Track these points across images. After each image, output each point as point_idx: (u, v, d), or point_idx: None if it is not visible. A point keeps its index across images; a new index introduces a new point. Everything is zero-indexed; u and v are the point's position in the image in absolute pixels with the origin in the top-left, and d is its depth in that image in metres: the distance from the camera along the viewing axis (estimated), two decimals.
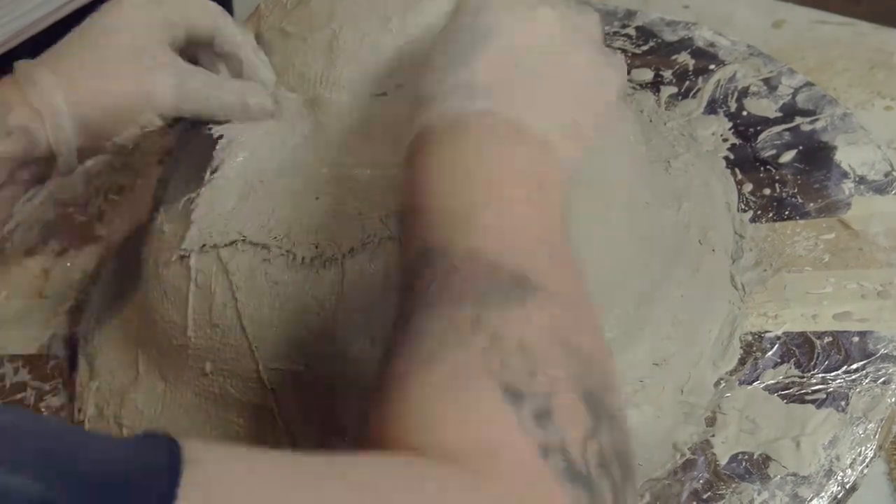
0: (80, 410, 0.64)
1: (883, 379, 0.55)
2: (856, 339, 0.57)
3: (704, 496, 0.53)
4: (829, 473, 0.52)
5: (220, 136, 0.57)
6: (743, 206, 0.67)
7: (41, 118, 0.52)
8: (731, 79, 0.75)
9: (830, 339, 0.58)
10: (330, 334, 0.54)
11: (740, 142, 0.71)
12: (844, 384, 0.55)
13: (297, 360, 0.54)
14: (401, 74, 0.57)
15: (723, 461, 0.54)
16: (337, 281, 0.54)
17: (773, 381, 0.57)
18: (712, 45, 0.78)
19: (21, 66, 0.55)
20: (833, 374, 0.56)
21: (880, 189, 0.64)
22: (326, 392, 0.55)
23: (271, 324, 0.55)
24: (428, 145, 0.42)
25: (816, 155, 0.68)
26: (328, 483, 0.31)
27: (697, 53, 0.78)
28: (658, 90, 0.76)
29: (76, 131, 0.53)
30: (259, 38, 0.61)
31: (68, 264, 0.76)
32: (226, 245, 0.56)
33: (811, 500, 0.51)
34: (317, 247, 0.54)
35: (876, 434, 0.53)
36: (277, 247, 0.55)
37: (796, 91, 0.73)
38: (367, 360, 0.54)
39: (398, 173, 0.44)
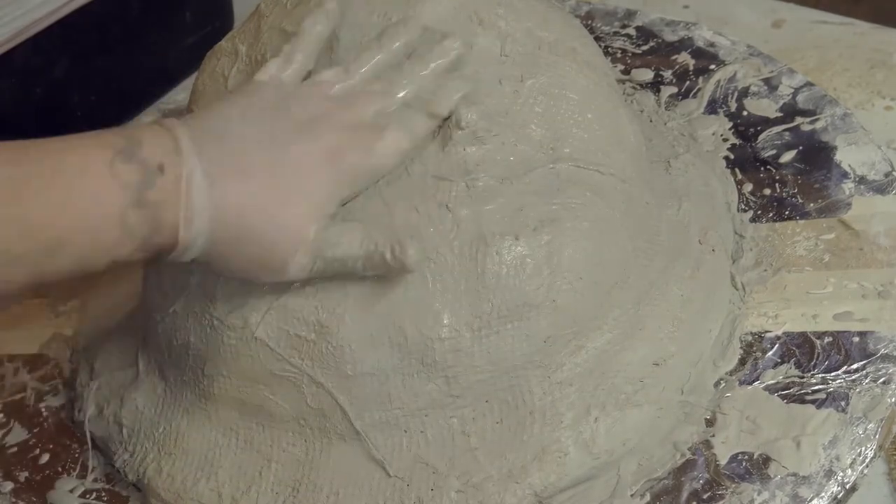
0: (80, 410, 0.64)
1: (883, 379, 0.55)
2: (856, 339, 0.57)
3: (704, 496, 0.53)
4: (829, 473, 0.52)
5: None
6: (743, 206, 0.67)
7: (174, 236, 0.47)
8: (732, 79, 0.75)
9: (830, 339, 0.58)
10: (329, 332, 0.54)
11: (740, 142, 0.71)
12: (844, 384, 0.56)
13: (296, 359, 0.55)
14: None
15: (723, 461, 0.54)
16: (337, 278, 0.54)
17: (773, 381, 0.57)
18: (712, 45, 0.78)
19: (177, 126, 0.48)
20: (833, 374, 0.56)
21: (880, 189, 0.65)
22: (323, 389, 0.55)
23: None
24: None
25: (817, 155, 0.68)
26: None
27: (697, 53, 0.78)
28: (658, 90, 0.76)
29: (206, 239, 0.48)
30: (259, 38, 0.61)
31: None
32: None
33: (811, 500, 0.51)
34: None
35: (876, 434, 0.53)
36: None
37: (796, 91, 0.73)
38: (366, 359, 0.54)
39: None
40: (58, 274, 0.45)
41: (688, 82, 0.76)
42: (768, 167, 0.68)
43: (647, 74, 0.78)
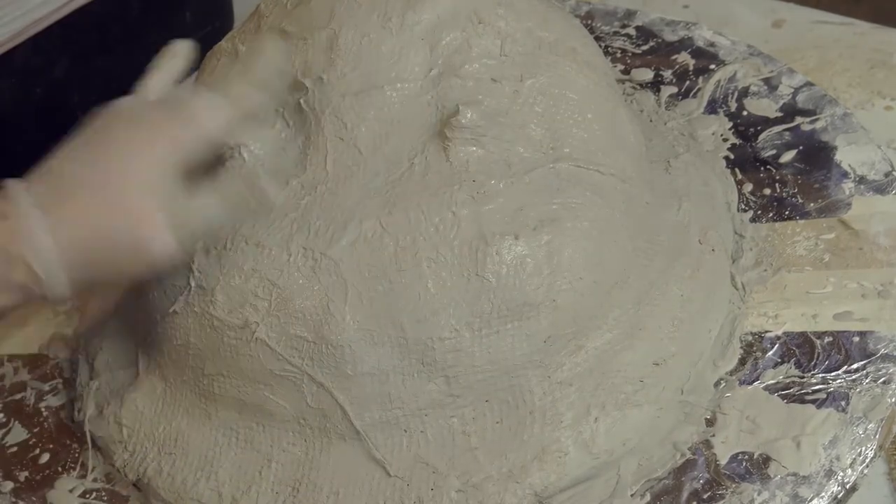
0: (79, 410, 0.64)
1: (883, 379, 0.55)
2: (856, 338, 0.57)
3: (704, 496, 0.53)
4: (830, 473, 0.52)
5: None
6: (743, 206, 0.67)
7: (30, 268, 0.49)
8: (732, 79, 0.75)
9: (831, 339, 0.58)
10: (329, 332, 0.54)
11: (740, 142, 0.71)
12: (845, 384, 0.56)
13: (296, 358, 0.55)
14: (401, 73, 0.57)
15: (723, 461, 0.54)
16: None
17: (773, 381, 0.57)
18: (712, 44, 0.78)
19: (10, 190, 0.51)
20: (833, 374, 0.56)
21: (880, 189, 0.65)
22: (324, 389, 0.55)
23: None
24: None
25: (817, 155, 0.68)
26: None
27: (697, 53, 0.78)
28: (658, 90, 0.76)
29: (67, 280, 0.50)
30: (259, 38, 0.61)
31: None
32: (226, 245, 0.56)
33: (811, 500, 0.51)
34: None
35: (876, 434, 0.53)
36: (277, 247, 0.55)
37: (796, 91, 0.73)
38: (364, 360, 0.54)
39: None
40: None
41: (688, 82, 0.76)
42: (768, 167, 0.68)
43: (647, 74, 0.78)
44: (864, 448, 0.53)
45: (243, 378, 0.56)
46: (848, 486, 0.52)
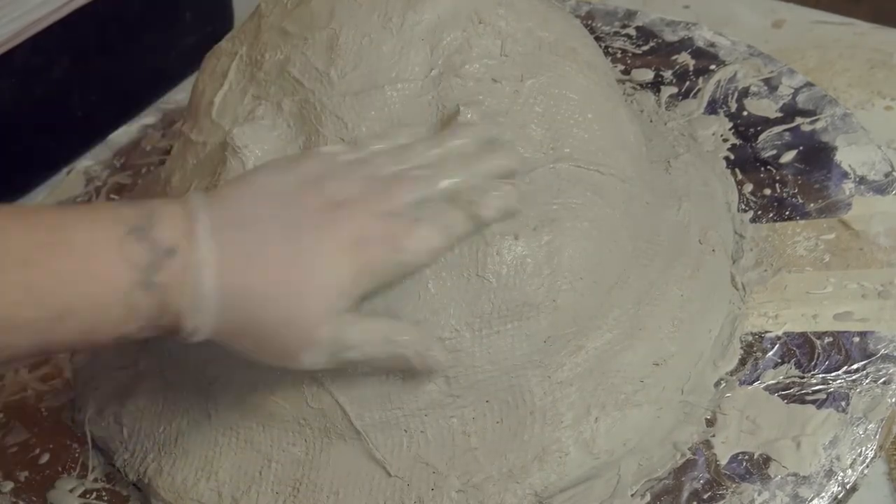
0: (79, 410, 0.64)
1: (883, 379, 0.55)
2: (856, 339, 0.57)
3: (704, 496, 0.53)
4: (830, 474, 0.52)
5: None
6: (743, 206, 0.67)
7: (180, 320, 0.46)
8: (732, 79, 0.75)
9: (831, 339, 0.58)
10: None
11: (741, 142, 0.71)
12: (845, 384, 0.56)
13: None
14: (401, 73, 0.57)
15: (723, 461, 0.54)
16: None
17: (773, 382, 0.57)
18: (712, 45, 0.78)
19: (196, 207, 0.47)
20: (833, 374, 0.56)
21: (881, 189, 0.65)
22: (324, 389, 0.55)
23: None
24: None
25: (817, 155, 0.68)
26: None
27: (697, 53, 0.78)
28: (658, 90, 0.76)
29: (208, 338, 0.47)
30: (259, 38, 0.61)
31: None
32: None
33: (811, 500, 0.51)
34: None
35: (876, 434, 0.53)
36: None
37: (796, 91, 0.73)
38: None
39: None
40: (62, 344, 0.45)
41: (688, 82, 0.76)
42: (768, 167, 0.68)
43: (647, 74, 0.78)
44: (864, 448, 0.53)
45: (243, 378, 0.56)
46: (848, 487, 0.52)
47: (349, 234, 0.48)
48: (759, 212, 0.66)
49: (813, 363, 0.57)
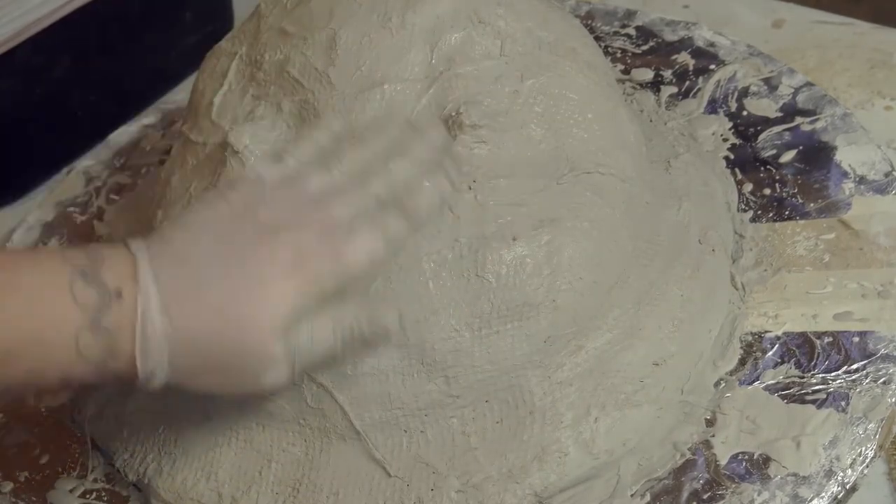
0: (79, 410, 0.64)
1: (883, 379, 0.55)
2: (856, 339, 0.57)
3: (704, 496, 0.53)
4: (830, 473, 0.52)
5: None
6: (743, 206, 0.67)
7: (133, 363, 0.46)
8: (732, 79, 0.75)
9: (831, 339, 0.58)
10: None
11: (740, 142, 0.71)
12: (845, 384, 0.56)
13: None
14: (401, 73, 0.57)
15: (723, 461, 0.54)
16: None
17: (773, 382, 0.57)
18: (712, 44, 0.78)
19: (138, 248, 0.47)
20: (833, 374, 0.56)
21: (880, 189, 0.64)
22: (324, 389, 0.55)
23: None
24: None
25: (816, 155, 0.68)
26: None
27: (697, 53, 0.78)
28: (658, 90, 0.76)
29: (165, 380, 0.47)
30: (259, 38, 0.61)
31: None
32: None
33: (811, 500, 0.51)
34: None
35: (876, 434, 0.53)
36: None
37: (796, 91, 0.73)
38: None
39: None
40: (9, 382, 0.45)
41: (688, 82, 0.76)
42: (768, 167, 0.68)
43: (647, 74, 0.78)
44: (864, 448, 0.53)
45: None
46: (848, 487, 0.52)
47: (288, 255, 0.48)
48: (759, 211, 0.66)
49: (813, 363, 0.57)
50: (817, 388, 0.56)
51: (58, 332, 0.44)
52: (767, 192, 0.67)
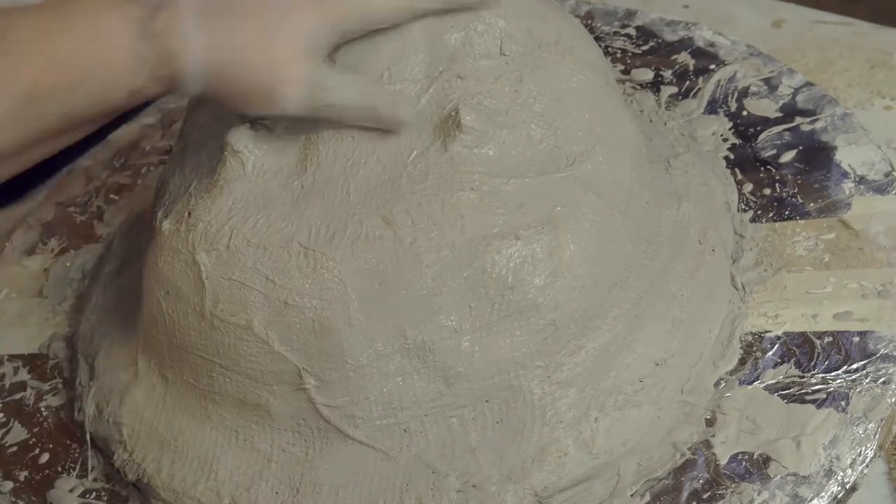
0: (80, 410, 0.64)
1: (883, 379, 0.55)
2: (856, 338, 0.57)
3: (704, 496, 0.53)
4: (830, 473, 0.52)
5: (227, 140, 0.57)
6: (743, 206, 0.67)
7: (176, 63, 0.52)
8: (732, 79, 0.75)
9: (830, 339, 0.58)
10: (329, 332, 0.54)
11: (740, 142, 0.71)
12: (845, 384, 0.56)
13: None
14: (401, 72, 0.57)
15: (723, 461, 0.54)
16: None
17: (773, 381, 0.57)
18: (712, 45, 0.78)
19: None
20: (833, 374, 0.56)
21: (880, 189, 0.65)
22: (327, 389, 0.55)
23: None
24: None
25: (816, 155, 0.68)
26: None
27: (697, 53, 0.78)
28: (658, 90, 0.76)
29: (203, 84, 0.53)
30: None
31: (68, 264, 0.76)
32: (227, 245, 0.56)
33: (811, 500, 0.51)
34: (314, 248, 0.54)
35: (876, 434, 0.53)
36: (278, 247, 0.55)
37: (796, 91, 0.73)
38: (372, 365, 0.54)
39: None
40: (84, 109, 0.52)
41: (688, 82, 0.76)
42: (768, 167, 0.68)
43: (647, 74, 0.78)
44: (864, 448, 0.53)
45: (243, 378, 0.56)
46: (848, 486, 0.52)
47: None
48: (759, 211, 0.66)
49: (813, 363, 0.57)
50: (817, 387, 0.56)
51: (118, 45, 0.51)
52: (767, 192, 0.67)
